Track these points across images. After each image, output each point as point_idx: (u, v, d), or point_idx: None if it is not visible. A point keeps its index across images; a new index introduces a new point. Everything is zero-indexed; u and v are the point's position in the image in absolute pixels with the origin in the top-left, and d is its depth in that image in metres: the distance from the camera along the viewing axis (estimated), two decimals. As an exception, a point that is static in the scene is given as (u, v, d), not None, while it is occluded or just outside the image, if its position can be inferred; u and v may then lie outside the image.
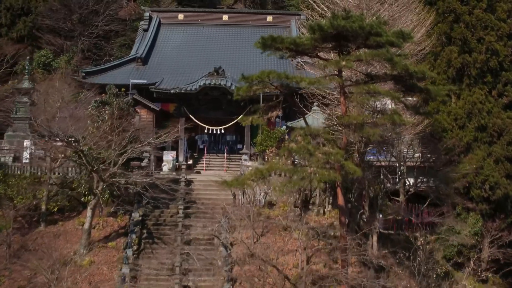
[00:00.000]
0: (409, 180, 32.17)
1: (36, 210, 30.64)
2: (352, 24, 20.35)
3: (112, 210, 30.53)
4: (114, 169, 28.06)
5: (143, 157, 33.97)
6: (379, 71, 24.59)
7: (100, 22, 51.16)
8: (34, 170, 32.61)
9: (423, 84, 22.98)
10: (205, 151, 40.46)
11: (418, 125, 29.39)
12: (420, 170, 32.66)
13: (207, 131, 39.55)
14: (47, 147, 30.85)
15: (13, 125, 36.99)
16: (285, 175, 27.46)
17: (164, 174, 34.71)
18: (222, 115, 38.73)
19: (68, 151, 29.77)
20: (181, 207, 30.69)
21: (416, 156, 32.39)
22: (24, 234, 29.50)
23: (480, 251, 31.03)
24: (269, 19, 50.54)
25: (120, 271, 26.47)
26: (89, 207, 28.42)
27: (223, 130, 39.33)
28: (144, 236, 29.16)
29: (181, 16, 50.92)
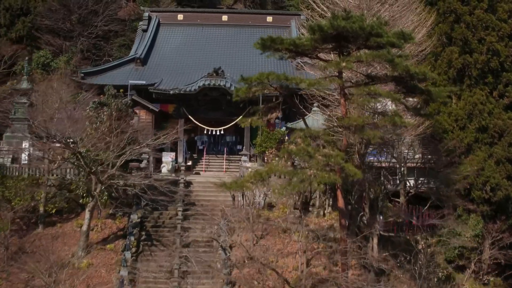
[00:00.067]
0: (410, 182, 31.99)
1: (34, 212, 30.44)
2: (353, 25, 20.16)
3: (111, 212, 30.35)
4: (112, 171, 27.85)
5: (142, 158, 33.80)
6: (380, 72, 24.40)
7: (100, 22, 50.99)
8: (32, 172, 32.42)
9: (424, 85, 22.79)
10: (205, 152, 40.28)
11: (419, 127, 29.22)
12: (421, 171, 32.49)
13: (207, 132, 39.37)
14: (45, 149, 30.63)
15: (12, 126, 36.77)
16: (285, 177, 27.23)
17: (163, 176, 34.50)
18: (222, 116, 38.54)
19: (66, 153, 29.55)
20: (180, 209, 30.49)
21: (417, 157, 32.21)
22: (22, 236, 29.31)
23: (481, 253, 30.86)
24: (269, 19, 50.37)
25: (119, 274, 26.25)
26: (87, 209, 28.22)
27: (223, 131, 39.17)
28: (143, 238, 28.94)
29: (181, 16, 50.72)
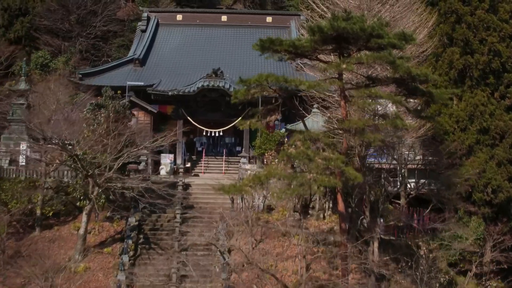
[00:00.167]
0: (410, 184, 31.71)
1: (31, 215, 30.11)
2: (353, 26, 19.86)
3: (108, 215, 30.04)
4: (110, 174, 27.53)
5: (140, 160, 33.51)
6: (380, 74, 24.09)
7: (98, 23, 50.76)
8: (30, 174, 32.12)
9: (425, 87, 22.50)
10: (204, 154, 40.03)
11: (420, 129, 28.94)
12: (422, 173, 32.25)
13: (206, 133, 39.14)
14: (42, 151, 30.33)
15: (9, 128, 36.52)
16: (284, 180, 26.93)
17: (162, 178, 34.23)
18: (221, 117, 38.28)
19: (64, 155, 29.24)
20: (179, 212, 30.19)
21: (418, 159, 31.94)
22: (19, 239, 29.01)
23: (482, 256, 30.58)
24: (269, 20, 50.06)
25: (116, 278, 25.98)
26: (84, 212, 27.90)
27: (222, 132, 38.94)
28: (141, 242, 28.67)
29: (180, 17, 50.39)
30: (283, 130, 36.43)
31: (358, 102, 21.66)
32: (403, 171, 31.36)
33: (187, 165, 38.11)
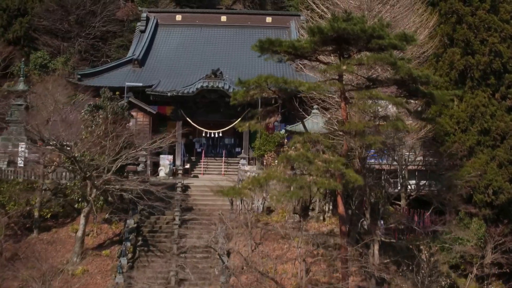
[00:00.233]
0: (411, 185, 31.53)
1: (29, 217, 29.91)
2: (353, 27, 19.62)
3: (107, 217, 29.85)
4: (108, 176, 27.32)
5: (139, 162, 33.28)
6: (381, 75, 23.88)
7: (97, 23, 50.70)
8: (27, 176, 31.90)
9: (426, 88, 22.29)
10: (203, 155, 39.85)
11: (421, 130, 28.77)
12: (422, 174, 32.09)
13: (205, 134, 38.98)
14: (40, 152, 30.12)
15: (8, 128, 36.32)
16: (284, 183, 26.73)
17: (161, 179, 34.03)
18: (220, 118, 38.11)
19: (62, 157, 29.04)
20: (178, 214, 29.98)
21: (418, 160, 31.77)
22: (17, 242, 28.76)
23: (483, 257, 30.41)
24: (268, 20, 49.83)
25: (114, 281, 25.76)
26: (82, 215, 27.70)
27: (221, 133, 38.78)
28: (139, 244, 28.45)
29: (179, 17, 50.14)
30: (283, 131, 36.22)
31: (359, 104, 21.45)
32: (404, 172, 31.18)
33: (186, 166, 37.94)
